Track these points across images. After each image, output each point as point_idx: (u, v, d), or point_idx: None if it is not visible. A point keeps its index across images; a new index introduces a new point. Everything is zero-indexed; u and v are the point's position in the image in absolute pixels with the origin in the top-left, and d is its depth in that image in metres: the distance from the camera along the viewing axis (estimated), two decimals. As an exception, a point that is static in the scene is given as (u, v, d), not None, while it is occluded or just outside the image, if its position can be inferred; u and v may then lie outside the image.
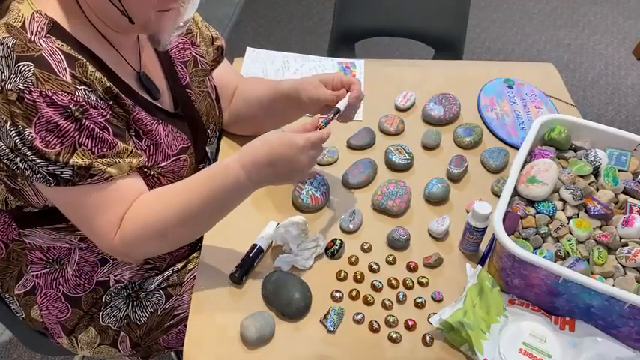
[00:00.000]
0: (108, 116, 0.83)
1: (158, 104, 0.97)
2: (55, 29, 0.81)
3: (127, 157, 0.86)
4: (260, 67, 1.41)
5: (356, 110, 1.03)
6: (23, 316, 1.05)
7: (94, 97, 0.81)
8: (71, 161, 0.79)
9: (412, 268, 1.01)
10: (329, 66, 1.42)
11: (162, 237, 0.89)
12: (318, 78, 1.02)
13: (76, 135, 0.79)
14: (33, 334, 1.09)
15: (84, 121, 0.79)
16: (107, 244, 0.88)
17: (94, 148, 0.81)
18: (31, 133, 0.76)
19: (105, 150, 0.82)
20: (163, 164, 0.95)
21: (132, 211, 0.87)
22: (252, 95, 1.14)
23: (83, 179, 0.81)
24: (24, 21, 0.79)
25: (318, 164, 1.18)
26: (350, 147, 1.22)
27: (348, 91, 1.00)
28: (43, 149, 0.77)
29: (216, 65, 1.13)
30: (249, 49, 1.46)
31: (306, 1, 3.07)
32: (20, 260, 1.02)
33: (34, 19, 0.80)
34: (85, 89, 0.80)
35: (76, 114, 0.78)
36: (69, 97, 0.78)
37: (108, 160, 0.83)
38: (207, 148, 1.16)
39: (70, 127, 0.78)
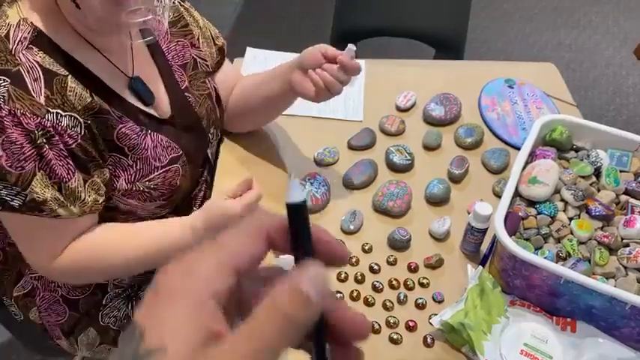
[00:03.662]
0: (73, 145, 0.81)
1: (149, 111, 0.95)
2: (38, 39, 0.80)
3: (79, 202, 0.84)
4: (260, 67, 1.41)
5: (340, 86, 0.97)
6: (22, 318, 1.05)
7: (64, 123, 0.80)
8: (29, 188, 0.78)
9: (413, 268, 1.00)
10: (329, 66, 1.42)
11: (100, 274, 0.98)
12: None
13: (37, 159, 0.78)
14: (32, 336, 1.09)
15: (45, 148, 0.78)
16: (42, 269, 0.93)
17: (51, 175, 0.80)
18: None
19: (59, 181, 0.81)
20: (151, 176, 0.93)
21: (83, 246, 0.90)
22: (247, 85, 1.13)
23: (31, 211, 0.80)
24: (9, 29, 0.79)
25: (319, 164, 1.17)
26: (350, 147, 1.22)
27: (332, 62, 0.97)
28: (7, 168, 0.76)
29: (218, 68, 1.12)
30: (249, 49, 1.46)
31: (306, 1, 3.07)
32: (16, 263, 1.01)
33: (19, 27, 0.79)
34: (57, 113, 0.79)
35: (39, 140, 0.77)
36: (36, 121, 0.77)
37: (62, 200, 0.82)
38: (207, 151, 1.16)
39: (32, 151, 0.77)
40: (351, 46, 0.95)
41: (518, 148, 1.05)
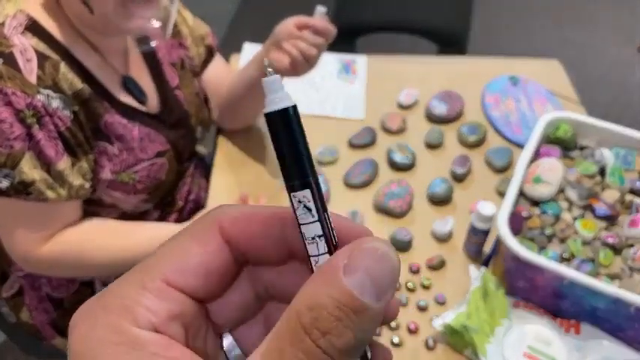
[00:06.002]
0: (62, 128, 0.82)
1: (140, 107, 0.95)
2: (34, 27, 0.81)
3: (67, 185, 0.84)
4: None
5: (313, 59, 0.96)
6: (14, 320, 1.04)
7: (54, 105, 0.80)
8: (17, 168, 0.78)
9: (415, 270, 0.99)
10: (329, 62, 1.40)
11: (83, 269, 0.95)
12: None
13: (26, 139, 0.78)
14: (26, 338, 1.08)
15: (35, 128, 0.78)
16: (24, 255, 0.88)
17: (40, 155, 0.80)
18: None
19: (47, 163, 0.81)
20: (136, 168, 0.93)
21: (71, 238, 0.89)
22: (232, 78, 1.13)
23: (19, 194, 0.80)
24: (5, 19, 0.80)
25: (319, 164, 1.16)
26: (351, 146, 1.20)
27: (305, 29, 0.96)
28: None
29: (205, 67, 1.12)
30: (246, 45, 1.45)
31: (308, -3, 3.06)
32: (1, 262, 1.01)
33: (15, 17, 0.80)
34: (47, 94, 0.79)
35: (29, 120, 0.78)
36: (27, 101, 0.77)
37: (50, 181, 0.82)
38: (199, 149, 1.15)
39: (22, 131, 0.78)
40: (319, 8, 0.95)
41: (522, 147, 1.03)
